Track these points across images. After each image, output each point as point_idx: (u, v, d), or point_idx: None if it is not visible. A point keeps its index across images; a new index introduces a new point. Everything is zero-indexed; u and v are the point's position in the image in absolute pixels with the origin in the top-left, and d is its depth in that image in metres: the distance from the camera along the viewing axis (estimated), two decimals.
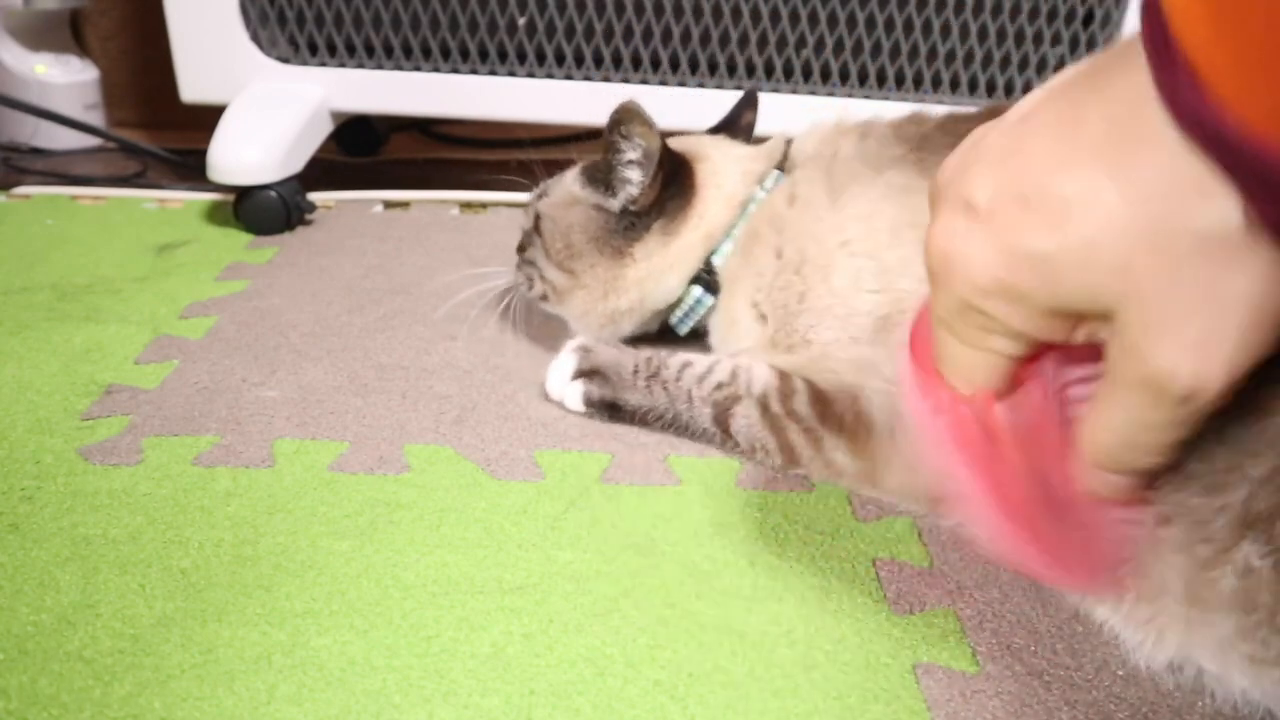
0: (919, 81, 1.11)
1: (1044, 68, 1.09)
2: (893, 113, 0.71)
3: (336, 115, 1.16)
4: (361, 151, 1.47)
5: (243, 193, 1.03)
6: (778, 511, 0.58)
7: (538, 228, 0.75)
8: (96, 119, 1.42)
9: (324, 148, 1.14)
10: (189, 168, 1.18)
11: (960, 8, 1.06)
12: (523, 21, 1.09)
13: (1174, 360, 0.31)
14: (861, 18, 1.07)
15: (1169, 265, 0.30)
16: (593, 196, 0.73)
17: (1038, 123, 0.33)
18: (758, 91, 0.85)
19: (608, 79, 1.11)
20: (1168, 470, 0.41)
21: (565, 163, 0.80)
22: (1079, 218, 0.31)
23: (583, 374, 0.68)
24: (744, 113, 0.83)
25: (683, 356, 0.67)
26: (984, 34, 1.07)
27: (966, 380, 0.38)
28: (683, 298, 0.73)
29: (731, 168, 0.73)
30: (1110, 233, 0.31)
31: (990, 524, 0.42)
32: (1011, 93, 1.10)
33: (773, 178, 0.72)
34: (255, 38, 1.09)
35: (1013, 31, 1.07)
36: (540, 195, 0.77)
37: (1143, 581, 0.43)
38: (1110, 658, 0.47)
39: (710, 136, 0.79)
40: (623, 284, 0.72)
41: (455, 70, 1.11)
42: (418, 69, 1.11)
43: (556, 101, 1.11)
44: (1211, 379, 0.31)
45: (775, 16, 1.08)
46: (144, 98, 1.55)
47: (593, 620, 0.48)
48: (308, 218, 1.08)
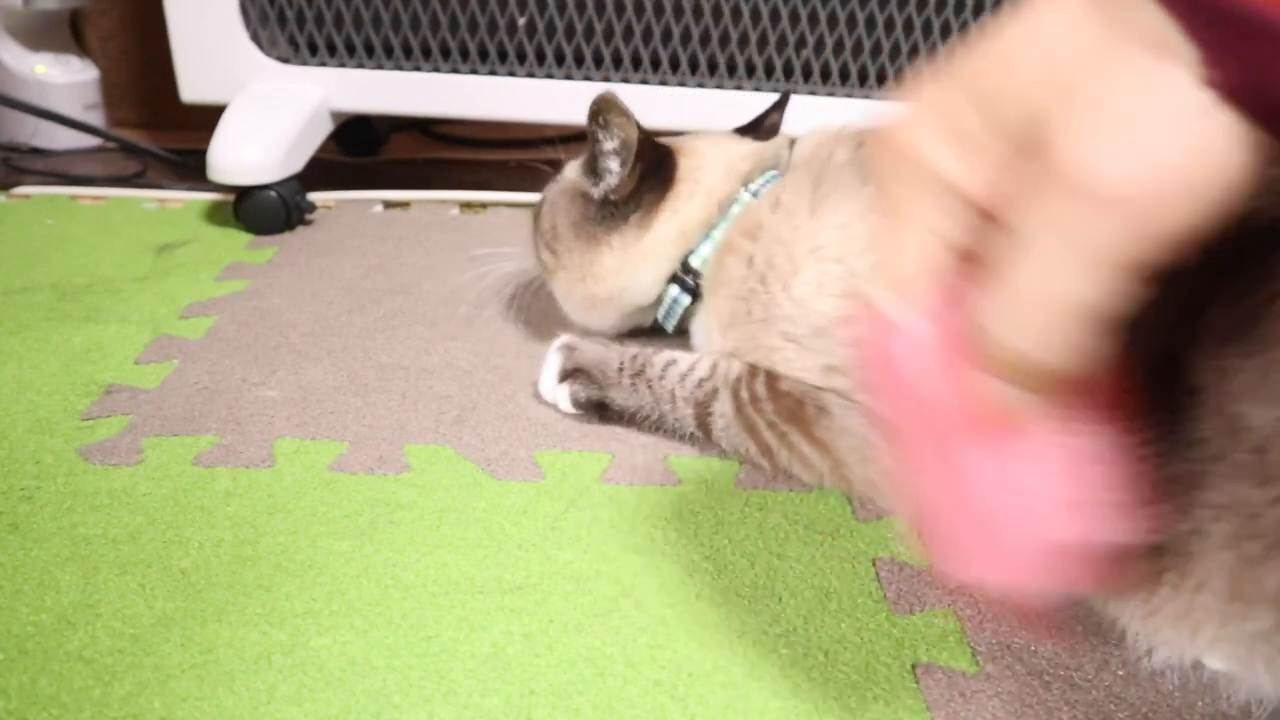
0: None
1: None
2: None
3: (336, 115, 1.16)
4: (361, 151, 1.46)
5: (243, 193, 1.03)
6: (778, 511, 0.58)
7: (538, 211, 0.77)
8: (96, 119, 1.42)
9: (324, 148, 1.14)
10: (189, 168, 1.18)
11: (960, 8, 1.06)
12: (523, 21, 1.09)
13: (1105, 156, 0.27)
14: (862, 18, 1.07)
15: (1112, 64, 0.28)
16: (582, 183, 0.74)
17: None
18: (789, 93, 0.84)
19: (608, 79, 1.11)
20: (1218, 463, 0.39)
21: (565, 163, 0.80)
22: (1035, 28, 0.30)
23: (568, 374, 0.67)
24: (771, 114, 0.81)
25: (669, 355, 0.67)
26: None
27: (897, 274, 0.34)
28: (662, 296, 0.73)
29: (717, 165, 0.73)
30: (1062, 22, 0.29)
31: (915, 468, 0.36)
32: None
33: (763, 179, 0.72)
34: (255, 38, 1.09)
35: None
36: (554, 179, 0.79)
37: (1185, 579, 0.42)
38: (1110, 658, 0.47)
39: (716, 134, 0.78)
40: (598, 271, 0.72)
41: (455, 70, 1.11)
42: (418, 69, 1.11)
43: (556, 101, 1.11)
44: (1146, 183, 0.27)
45: (775, 16, 1.08)
46: (144, 98, 1.55)
47: (593, 620, 0.48)
48: (308, 218, 1.08)
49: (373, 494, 0.57)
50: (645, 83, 1.10)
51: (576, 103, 1.14)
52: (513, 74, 1.11)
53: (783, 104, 0.83)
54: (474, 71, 1.11)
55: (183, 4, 1.07)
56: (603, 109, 0.70)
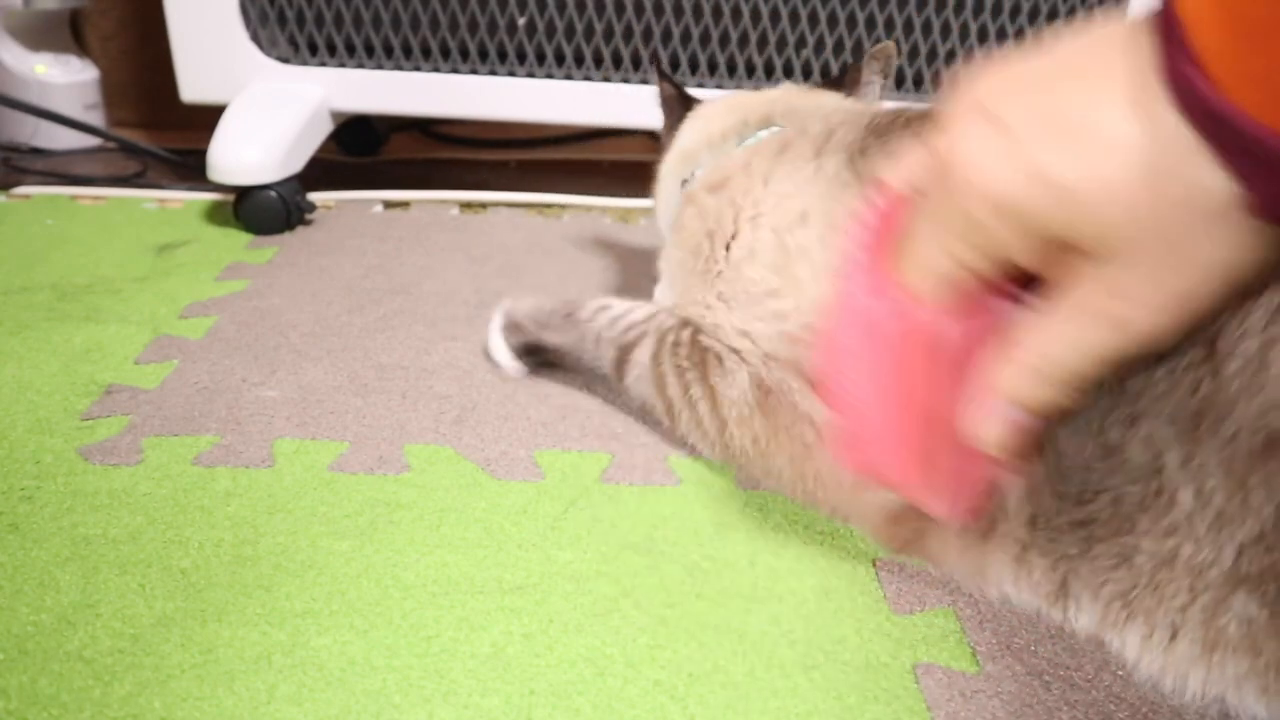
0: (919, 81, 1.11)
1: None
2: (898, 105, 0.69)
3: (336, 115, 1.16)
4: (361, 151, 1.46)
5: (243, 193, 1.03)
6: (778, 511, 0.58)
7: None
8: (96, 119, 1.42)
9: (324, 148, 1.14)
10: (189, 168, 1.18)
11: (960, 8, 1.06)
12: (523, 21, 1.09)
13: (1139, 303, 0.34)
14: (861, 18, 1.07)
15: (1167, 216, 0.32)
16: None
17: (1073, 60, 0.34)
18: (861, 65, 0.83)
19: (608, 79, 1.11)
20: (1157, 515, 0.42)
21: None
22: (1106, 152, 0.32)
23: (504, 330, 0.73)
24: (862, 69, 0.81)
25: (603, 301, 0.70)
26: (984, 34, 1.07)
27: (923, 282, 0.40)
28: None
29: (719, 105, 0.79)
30: (1130, 172, 0.32)
31: (871, 426, 0.44)
32: None
33: (768, 130, 0.71)
34: (255, 38, 1.09)
35: (1012, 31, 1.07)
36: None
37: (1154, 631, 0.44)
38: (1110, 658, 0.47)
39: (777, 87, 0.80)
40: (657, 204, 0.82)
41: (455, 70, 1.11)
42: (418, 69, 1.11)
43: (556, 101, 1.11)
44: (1160, 326, 0.35)
45: (775, 16, 1.08)
46: (144, 98, 1.55)
47: (593, 620, 0.48)
48: (308, 218, 1.08)
49: (373, 494, 0.57)
50: (645, 83, 1.10)
51: (576, 103, 1.14)
52: (513, 74, 1.11)
53: (878, 60, 0.83)
54: (474, 71, 1.11)
55: (183, 4, 1.07)
56: (653, 74, 0.81)
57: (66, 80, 1.38)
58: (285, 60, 1.11)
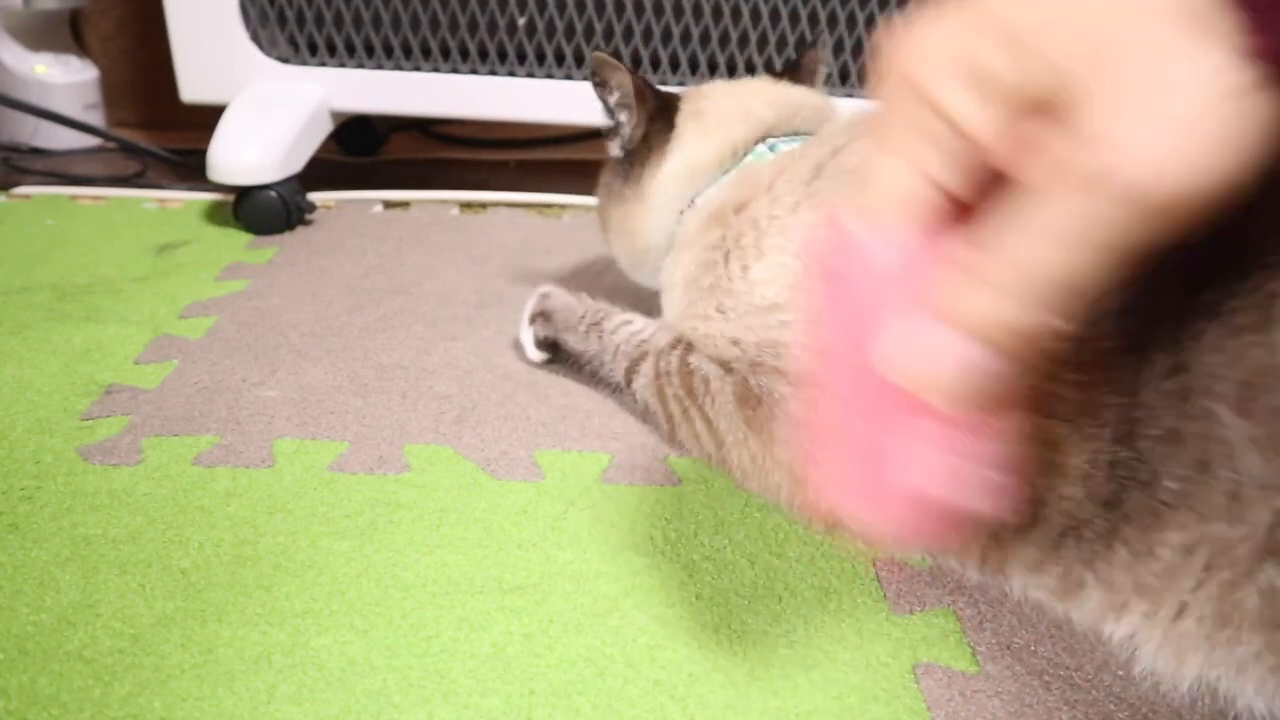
0: None
1: None
2: None
3: (336, 115, 1.16)
4: (361, 151, 1.47)
5: (243, 193, 1.03)
6: (778, 511, 0.58)
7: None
8: (96, 119, 1.42)
9: (324, 148, 1.14)
10: (189, 168, 1.18)
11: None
12: (523, 21, 1.09)
13: (1134, 146, 0.27)
14: (861, 18, 1.07)
15: (1150, 38, 0.27)
16: (612, 150, 0.76)
17: None
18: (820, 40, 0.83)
19: None
20: (1194, 500, 0.41)
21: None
22: None
23: (536, 316, 0.73)
24: (808, 53, 0.80)
25: (628, 315, 0.71)
26: None
27: (877, 207, 0.33)
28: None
29: (729, 107, 0.72)
30: None
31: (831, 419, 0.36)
32: None
33: (786, 140, 0.70)
34: (255, 38, 1.09)
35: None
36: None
37: (1158, 608, 0.44)
38: (1110, 658, 0.47)
39: (744, 80, 0.77)
40: (628, 224, 0.74)
41: (455, 70, 1.11)
42: (418, 69, 1.11)
43: (556, 101, 1.11)
44: (1168, 178, 0.27)
45: (775, 16, 1.08)
46: (144, 98, 1.55)
47: (593, 620, 0.48)
48: (308, 218, 1.08)
49: (373, 494, 0.57)
50: None
51: (576, 103, 1.14)
52: (513, 74, 1.11)
53: (815, 43, 0.82)
54: (474, 71, 1.11)
55: (183, 4, 1.07)
56: (596, 69, 0.72)
57: (66, 80, 1.38)
58: (285, 60, 1.11)
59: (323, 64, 1.11)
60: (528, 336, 0.73)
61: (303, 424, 0.65)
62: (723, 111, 0.72)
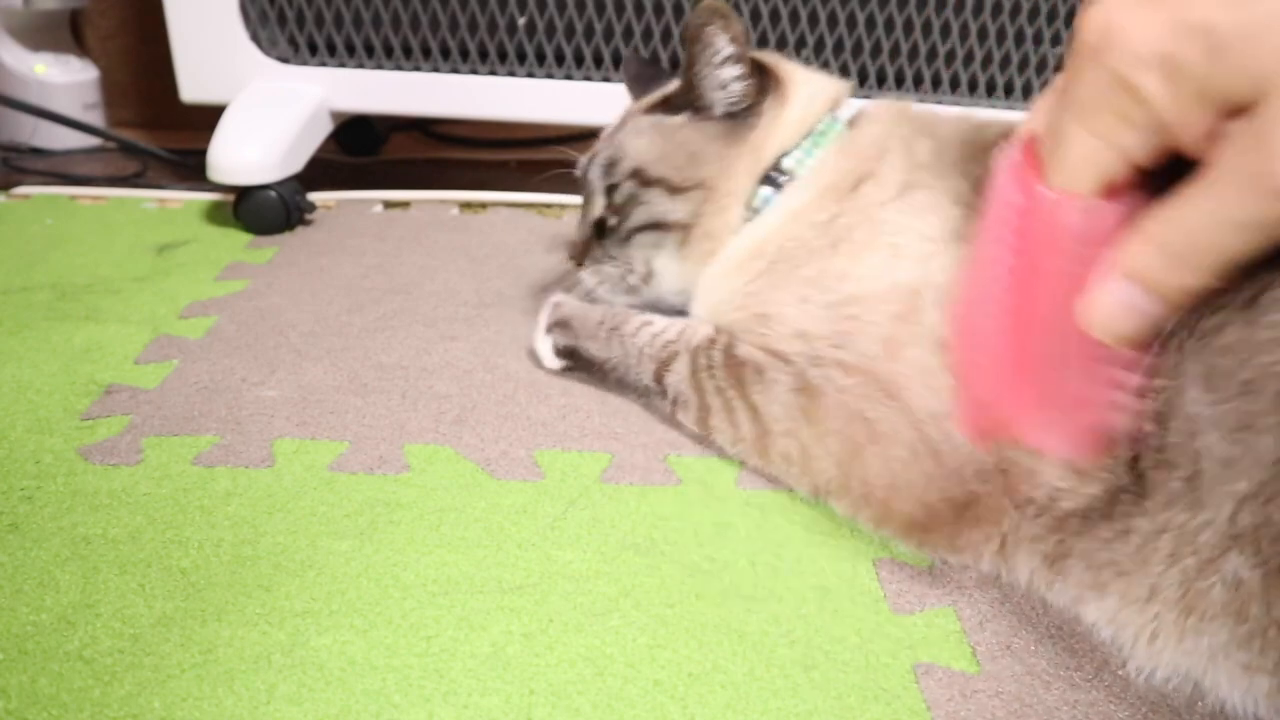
0: (919, 81, 1.11)
1: (1044, 68, 1.09)
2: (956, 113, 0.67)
3: (336, 115, 1.16)
4: (361, 151, 1.47)
5: (243, 193, 1.03)
6: (778, 511, 0.58)
7: (642, 181, 0.70)
8: (96, 119, 1.42)
9: (324, 148, 1.14)
10: (189, 168, 1.18)
11: (960, 8, 1.06)
12: (523, 21, 1.09)
13: None
14: (861, 18, 1.07)
15: None
16: (689, 119, 0.69)
17: None
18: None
19: (608, 79, 1.11)
20: (1153, 490, 0.42)
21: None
22: None
23: (553, 326, 0.72)
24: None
25: (646, 316, 0.70)
26: (984, 34, 1.07)
27: (1073, 177, 0.38)
28: (752, 200, 0.68)
29: (804, 72, 0.72)
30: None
31: (994, 354, 0.43)
32: (1011, 93, 1.10)
33: (844, 116, 0.69)
34: (255, 38, 1.09)
35: (1012, 31, 1.07)
36: (610, 163, 0.73)
37: (1134, 586, 0.44)
38: (1110, 658, 0.47)
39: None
40: (756, 158, 0.67)
41: (455, 70, 1.11)
42: (418, 69, 1.11)
43: (556, 101, 1.11)
44: None
45: (775, 16, 1.08)
46: (144, 98, 1.55)
47: (593, 620, 0.48)
48: (308, 218, 1.08)
49: (373, 494, 0.57)
50: None
51: (576, 103, 1.14)
52: (513, 74, 1.11)
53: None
54: (474, 71, 1.11)
55: (183, 4, 1.07)
56: (707, 20, 0.65)
57: (66, 80, 1.38)
58: (285, 60, 1.11)
59: (323, 64, 1.11)
60: (545, 346, 0.72)
61: (303, 424, 0.65)
62: (806, 77, 0.71)
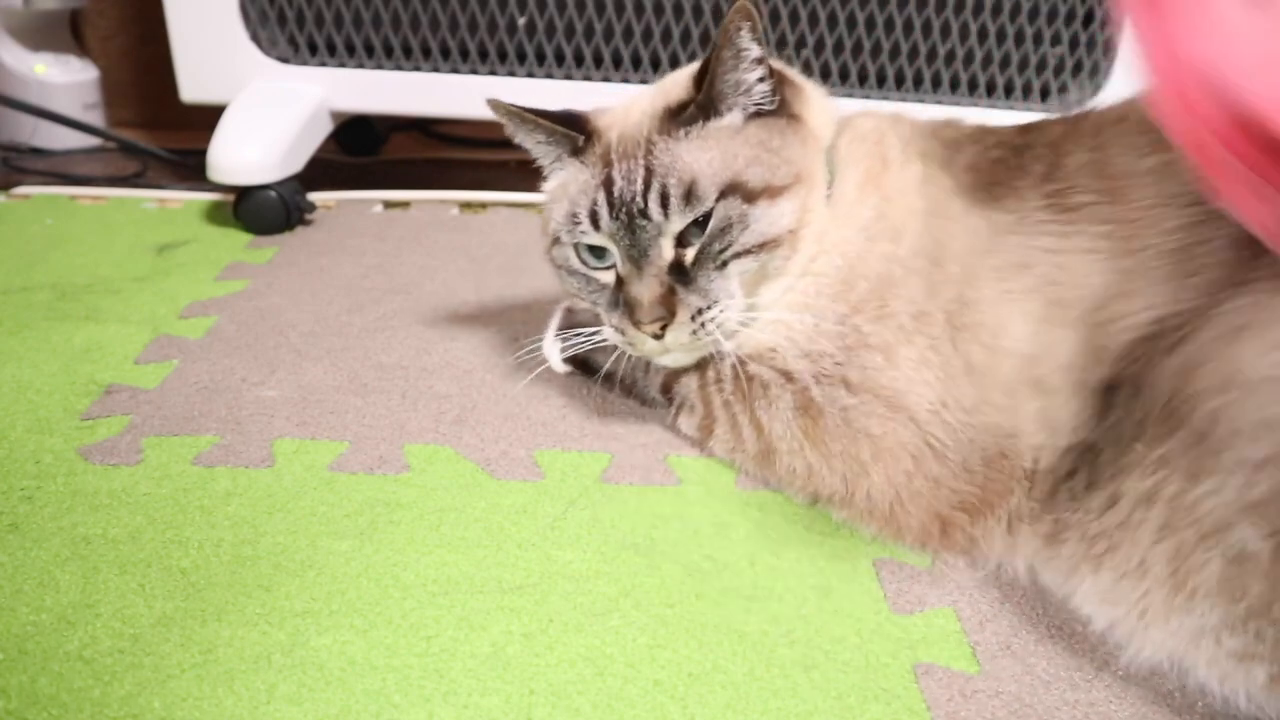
0: (919, 81, 1.11)
1: (1044, 68, 1.09)
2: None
3: (336, 115, 1.16)
4: (361, 151, 1.47)
5: (243, 193, 1.03)
6: (778, 511, 0.58)
7: (745, 196, 0.59)
8: (96, 119, 1.42)
9: (324, 148, 1.14)
10: (189, 168, 1.18)
11: (960, 8, 1.06)
12: (523, 21, 1.09)
13: None
14: (861, 18, 1.07)
15: None
16: (743, 120, 0.64)
17: None
18: None
19: (607, 79, 1.11)
20: (1137, 453, 0.42)
21: None
22: None
23: (561, 332, 0.72)
24: None
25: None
26: (984, 34, 1.07)
27: None
28: None
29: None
30: None
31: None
32: (1011, 93, 1.10)
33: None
34: (255, 38, 1.09)
35: (1012, 32, 1.07)
36: (686, 191, 0.59)
37: (1125, 560, 0.44)
38: (1110, 658, 0.47)
39: None
40: (819, 147, 0.64)
41: (455, 70, 1.11)
42: (418, 69, 1.11)
43: (556, 101, 1.11)
44: None
45: (775, 16, 1.08)
46: (144, 98, 1.55)
47: (593, 620, 0.48)
48: (308, 218, 1.08)
49: (373, 494, 0.57)
50: (645, 82, 1.10)
51: (576, 103, 1.14)
52: (513, 74, 1.11)
53: None
54: (474, 71, 1.11)
55: (183, 4, 1.07)
56: (741, 20, 0.63)
57: (66, 80, 1.38)
58: (285, 60, 1.11)
59: (323, 64, 1.11)
60: (554, 350, 0.72)
61: (303, 424, 0.65)
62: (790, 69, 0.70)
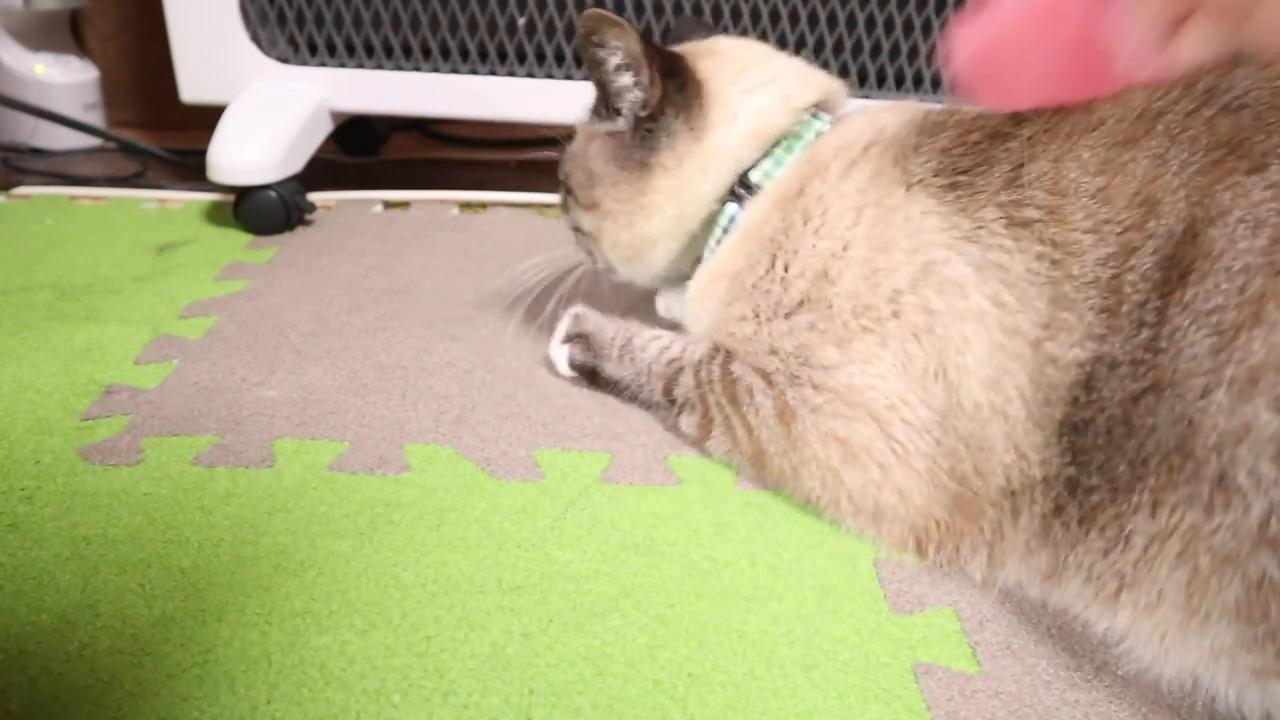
0: (919, 81, 1.11)
1: None
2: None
3: (336, 115, 1.16)
4: (361, 151, 1.47)
5: (243, 193, 1.03)
6: (778, 511, 0.58)
7: (566, 182, 0.72)
8: (96, 119, 1.42)
9: (324, 148, 1.14)
10: (189, 168, 1.18)
11: (960, 8, 1.06)
12: (523, 21, 1.09)
13: None
14: (861, 18, 1.07)
15: None
16: (601, 125, 0.68)
17: None
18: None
19: None
20: (1145, 495, 0.42)
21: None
22: None
23: (570, 338, 0.72)
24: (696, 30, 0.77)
25: (654, 331, 0.70)
26: None
27: None
28: (717, 218, 0.66)
29: (774, 65, 0.68)
30: None
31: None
32: None
33: (821, 124, 0.66)
34: (255, 38, 1.09)
35: None
36: (565, 152, 0.74)
37: (1141, 598, 0.44)
38: (1110, 658, 0.47)
39: (746, 40, 0.73)
40: (652, 199, 0.66)
41: (455, 70, 1.11)
42: (418, 69, 1.11)
43: (556, 101, 1.11)
44: None
45: (775, 17, 1.08)
46: (144, 98, 1.55)
47: (593, 620, 0.48)
48: (308, 218, 1.08)
49: (373, 494, 0.57)
50: None
51: (576, 103, 1.14)
52: (513, 74, 1.11)
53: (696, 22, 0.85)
54: (474, 71, 1.11)
55: (183, 4, 1.07)
56: (594, 28, 0.63)
57: (66, 80, 1.38)
58: (285, 60, 1.11)
59: (323, 64, 1.11)
60: (561, 354, 0.72)
61: (303, 424, 0.65)
62: (769, 68, 0.67)
